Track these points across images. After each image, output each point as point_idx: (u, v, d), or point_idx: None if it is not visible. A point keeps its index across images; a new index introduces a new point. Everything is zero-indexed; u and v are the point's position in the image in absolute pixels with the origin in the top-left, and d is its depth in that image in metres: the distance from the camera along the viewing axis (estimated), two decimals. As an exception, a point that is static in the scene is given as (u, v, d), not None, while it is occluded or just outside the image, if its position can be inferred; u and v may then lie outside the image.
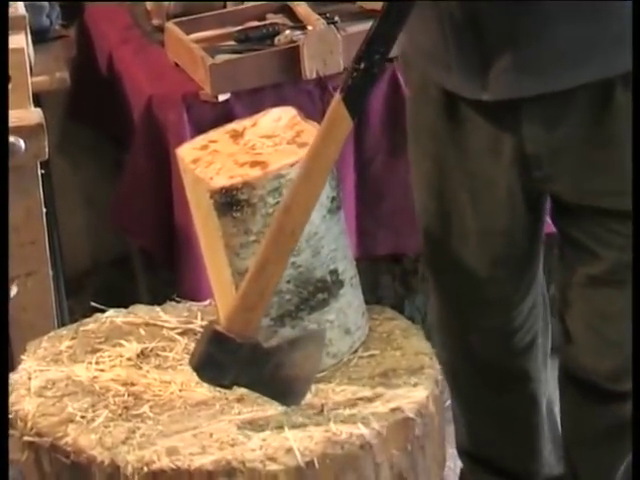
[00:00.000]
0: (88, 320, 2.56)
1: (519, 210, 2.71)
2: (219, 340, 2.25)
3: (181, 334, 2.48)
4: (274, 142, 2.40)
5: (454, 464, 3.11)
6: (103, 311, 2.59)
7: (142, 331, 2.51)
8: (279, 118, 2.47)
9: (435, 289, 2.96)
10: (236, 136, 2.45)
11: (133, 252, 3.91)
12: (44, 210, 3.04)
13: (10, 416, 2.32)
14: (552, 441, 3.06)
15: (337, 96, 2.26)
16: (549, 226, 3.06)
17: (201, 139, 2.48)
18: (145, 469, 2.08)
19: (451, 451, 2.96)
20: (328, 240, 2.39)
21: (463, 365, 2.59)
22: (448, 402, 3.04)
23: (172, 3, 3.69)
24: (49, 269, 3.01)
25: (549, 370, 3.04)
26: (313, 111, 2.87)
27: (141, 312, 2.59)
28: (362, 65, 2.27)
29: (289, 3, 3.57)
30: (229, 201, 2.30)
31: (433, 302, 2.99)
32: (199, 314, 2.53)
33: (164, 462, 2.08)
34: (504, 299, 2.84)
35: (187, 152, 2.43)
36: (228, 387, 2.26)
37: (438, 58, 2.62)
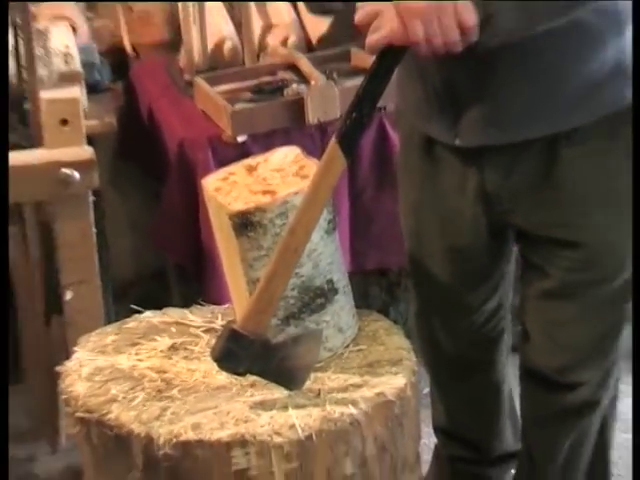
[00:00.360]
0: (129, 320, 2.56)
1: (483, 235, 2.72)
2: (236, 337, 2.26)
3: (205, 331, 2.48)
4: (282, 175, 2.40)
5: (428, 441, 3.08)
6: (141, 313, 2.59)
7: (173, 329, 2.50)
8: (286, 155, 2.46)
9: (414, 297, 2.96)
10: (251, 170, 2.45)
11: (169, 267, 3.91)
12: (94, 231, 3.01)
13: (64, 396, 2.30)
14: (512, 423, 3.07)
15: (333, 140, 2.26)
16: None
17: (222, 172, 2.47)
18: (174, 440, 2.07)
19: (426, 430, 2.94)
20: (325, 255, 2.38)
21: (437, 358, 2.55)
22: (426, 390, 3.05)
23: (197, 62, 3.65)
24: (98, 279, 2.99)
25: (510, 363, 3.03)
26: (314, 150, 2.86)
27: (172, 313, 2.57)
28: (354, 115, 2.27)
29: (295, 61, 3.52)
30: (244, 223, 2.30)
31: (412, 307, 2.99)
32: (220, 315, 2.52)
33: (190, 435, 2.08)
34: (467, 305, 2.85)
35: (211, 182, 2.43)
36: (242, 375, 2.27)
37: (422, 111, 2.63)
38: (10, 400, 3.64)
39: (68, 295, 2.95)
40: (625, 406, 3.06)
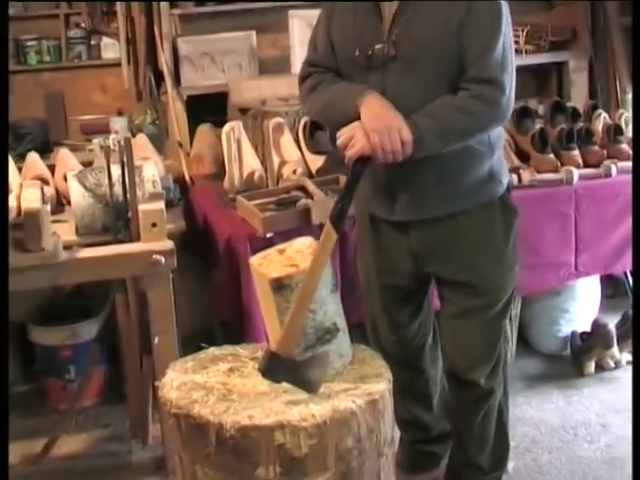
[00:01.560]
0: (200, 353, 2.56)
1: (410, 277, 2.81)
2: (273, 357, 2.34)
3: (251, 359, 2.49)
4: (302, 254, 2.43)
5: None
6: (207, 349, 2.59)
7: (229, 358, 2.51)
8: (304, 242, 2.50)
9: (367, 318, 3.00)
10: (281, 252, 2.48)
11: (215, 326, 3.80)
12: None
13: (162, 400, 2.33)
14: (443, 407, 3.09)
15: (327, 221, 2.38)
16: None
17: (263, 254, 2.49)
18: (236, 426, 2.16)
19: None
20: (331, 306, 2.42)
21: (387, 360, 2.54)
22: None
23: (237, 185, 3.63)
24: (175, 330, 2.98)
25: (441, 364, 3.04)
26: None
27: (228, 348, 2.59)
28: (339, 205, 2.39)
29: (303, 184, 3.48)
30: (279, 285, 2.36)
31: (367, 325, 3.02)
32: (259, 349, 2.53)
33: (246, 422, 2.16)
34: (400, 323, 2.91)
35: (255, 260, 2.47)
36: (278, 382, 2.32)
37: (370, 198, 2.74)
38: (115, 412, 3.77)
39: (156, 340, 2.95)
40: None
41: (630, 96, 4.99)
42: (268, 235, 3.23)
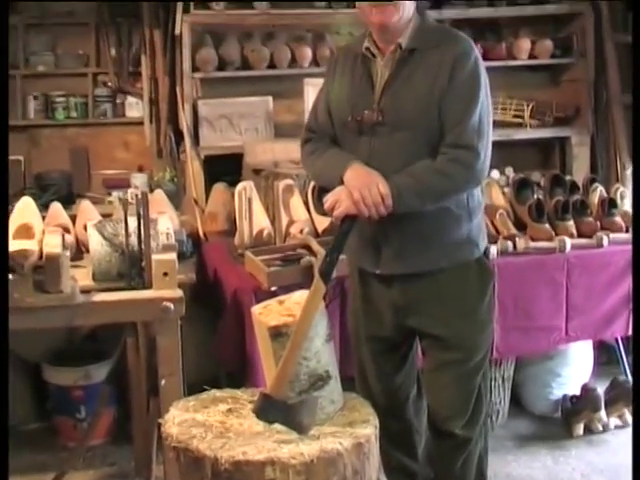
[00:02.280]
0: (202, 394, 2.69)
1: (393, 328, 2.92)
2: (267, 399, 2.47)
3: (249, 402, 2.59)
4: (300, 306, 2.54)
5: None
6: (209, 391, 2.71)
7: (229, 400, 2.64)
8: (302, 295, 2.61)
9: (355, 366, 3.11)
10: (281, 302, 2.62)
11: (221, 374, 3.81)
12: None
13: (164, 434, 2.46)
14: (427, 455, 3.15)
15: (316, 275, 2.54)
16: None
17: (264, 304, 2.64)
18: (231, 460, 2.28)
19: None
20: (325, 355, 2.55)
21: (374, 409, 2.62)
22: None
23: (246, 241, 3.73)
24: (181, 373, 3.04)
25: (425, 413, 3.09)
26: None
27: (228, 391, 2.71)
28: (327, 259, 2.56)
29: (308, 243, 3.55)
30: (276, 333, 2.50)
31: (355, 373, 3.11)
32: (257, 393, 2.57)
33: (240, 457, 2.28)
34: (385, 372, 3.02)
35: (256, 309, 2.62)
36: (272, 423, 2.45)
37: (358, 252, 2.90)
38: (121, 452, 3.87)
39: (162, 382, 3.01)
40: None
41: (629, 172, 5.18)
42: (273, 289, 3.30)
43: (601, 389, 4.16)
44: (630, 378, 4.28)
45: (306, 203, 4.00)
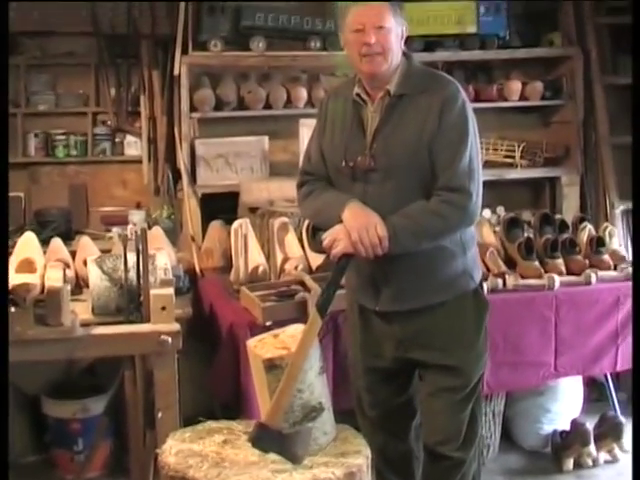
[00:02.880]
0: (198, 425, 2.74)
1: (394, 360, 2.98)
2: (262, 429, 2.52)
3: (244, 433, 2.64)
4: (294, 339, 2.60)
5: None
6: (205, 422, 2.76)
7: (225, 431, 2.70)
8: (296, 329, 2.68)
9: (354, 394, 3.15)
10: (276, 336, 2.68)
11: (216, 408, 3.85)
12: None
13: (161, 464, 2.51)
14: (423, 476, 3.17)
15: (313, 308, 2.61)
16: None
17: (259, 337, 2.70)
18: None
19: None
20: (318, 387, 2.60)
21: (372, 431, 2.73)
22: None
23: (242, 278, 3.78)
24: (178, 407, 3.10)
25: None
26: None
27: (225, 423, 2.76)
28: (324, 294, 2.63)
29: (302, 279, 3.64)
30: (271, 365, 2.56)
31: (354, 400, 3.17)
32: (252, 425, 2.59)
33: None
34: (380, 400, 3.08)
35: (252, 342, 2.67)
36: (266, 452, 2.50)
37: (357, 290, 2.97)
38: None
39: (159, 415, 3.05)
40: None
41: (618, 211, 5.28)
42: (267, 323, 3.36)
43: (590, 424, 4.21)
44: (619, 413, 4.34)
45: (301, 240, 4.08)
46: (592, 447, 4.15)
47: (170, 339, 3.07)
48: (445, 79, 2.88)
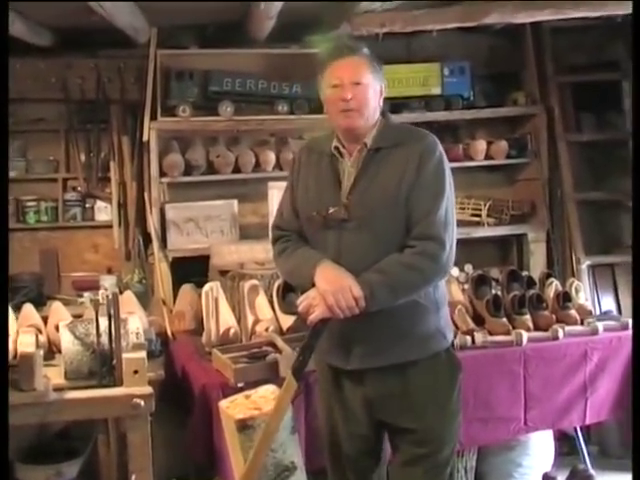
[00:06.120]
0: None
1: (369, 423, 2.97)
2: None
3: None
4: (265, 400, 2.69)
5: None
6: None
7: None
8: (267, 389, 2.76)
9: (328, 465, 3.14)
10: (247, 397, 2.76)
11: (190, 468, 3.91)
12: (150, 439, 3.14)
13: None
14: None
15: (289, 372, 2.64)
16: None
17: (231, 398, 2.77)
18: None
19: None
20: (290, 447, 2.68)
21: None
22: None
23: (213, 340, 3.80)
24: (151, 468, 3.14)
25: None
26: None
27: None
28: (300, 358, 2.67)
29: (274, 340, 3.67)
30: (243, 425, 2.63)
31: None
32: None
33: None
34: (361, 474, 3.07)
35: (223, 403, 2.75)
36: None
37: (327, 350, 2.96)
38: None
39: (133, 477, 3.09)
40: None
41: (584, 266, 5.39)
42: (239, 385, 3.39)
43: (562, 478, 4.27)
44: (590, 466, 4.41)
45: (271, 302, 4.12)
46: (564, 501, 4.19)
47: (143, 402, 3.12)
48: (422, 132, 2.91)
